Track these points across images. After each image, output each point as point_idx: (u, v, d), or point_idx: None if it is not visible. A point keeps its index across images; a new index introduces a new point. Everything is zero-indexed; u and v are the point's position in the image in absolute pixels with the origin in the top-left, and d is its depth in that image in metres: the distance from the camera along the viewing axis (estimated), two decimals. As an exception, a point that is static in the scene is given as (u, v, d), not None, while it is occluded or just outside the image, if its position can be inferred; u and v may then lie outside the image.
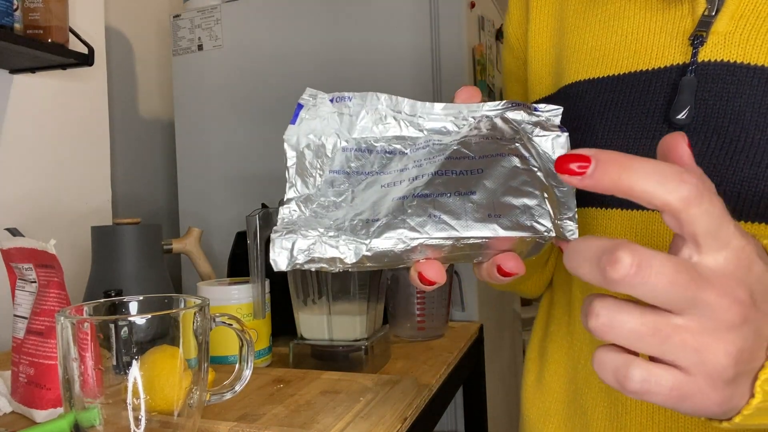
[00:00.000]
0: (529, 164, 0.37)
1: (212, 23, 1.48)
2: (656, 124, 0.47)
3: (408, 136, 0.41)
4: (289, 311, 0.85)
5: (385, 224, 0.35)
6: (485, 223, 0.35)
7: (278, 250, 0.36)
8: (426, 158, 0.39)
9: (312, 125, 0.41)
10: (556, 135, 0.40)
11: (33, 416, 0.63)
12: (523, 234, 0.35)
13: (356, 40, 1.32)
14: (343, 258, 0.36)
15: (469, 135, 0.39)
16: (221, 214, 1.49)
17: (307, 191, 0.39)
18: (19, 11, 0.98)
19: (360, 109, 0.41)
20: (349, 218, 0.37)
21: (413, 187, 0.37)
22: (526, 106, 0.40)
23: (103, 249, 0.91)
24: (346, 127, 0.41)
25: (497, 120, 0.40)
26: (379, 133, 0.41)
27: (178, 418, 0.50)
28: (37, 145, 1.21)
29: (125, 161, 1.58)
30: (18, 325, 0.66)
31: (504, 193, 0.36)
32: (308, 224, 0.37)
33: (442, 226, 0.35)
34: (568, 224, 0.37)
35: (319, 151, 0.40)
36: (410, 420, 0.65)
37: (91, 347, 0.47)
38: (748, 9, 0.45)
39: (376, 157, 0.40)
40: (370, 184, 0.39)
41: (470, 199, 0.35)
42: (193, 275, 1.42)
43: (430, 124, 0.41)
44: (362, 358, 0.81)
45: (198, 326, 0.51)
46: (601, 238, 0.27)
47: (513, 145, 0.38)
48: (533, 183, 0.36)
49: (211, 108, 1.50)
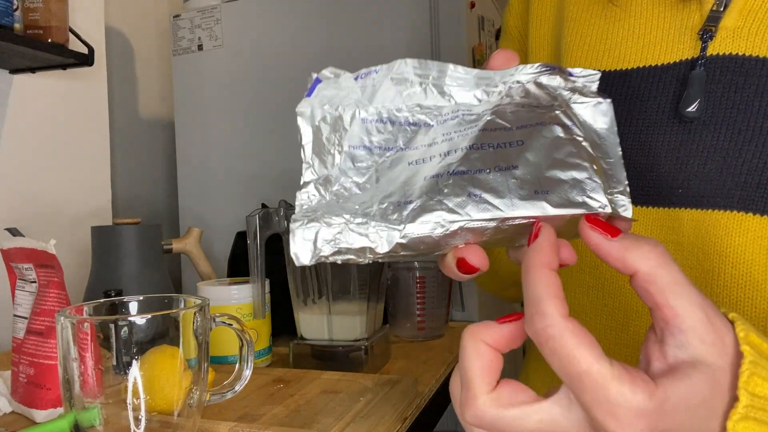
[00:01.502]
0: (572, 133, 0.34)
1: (212, 23, 1.48)
2: (666, 119, 0.47)
3: (433, 105, 0.36)
4: (289, 311, 0.85)
5: (420, 207, 0.32)
6: (533, 201, 0.31)
7: (300, 242, 0.32)
8: (456, 130, 0.35)
9: (328, 95, 0.36)
10: (597, 102, 0.35)
11: (33, 416, 0.63)
12: (575, 211, 0.31)
13: (356, 40, 1.32)
14: (375, 248, 0.32)
15: (502, 103, 0.35)
16: (221, 214, 1.49)
17: (326, 171, 0.35)
18: (19, 11, 0.98)
19: (384, 78, 0.36)
20: (377, 201, 0.33)
21: (447, 163, 0.33)
22: (561, 70, 0.36)
23: (103, 249, 0.91)
24: (368, 96, 0.36)
25: (530, 86, 0.36)
26: (402, 101, 0.36)
27: (178, 418, 0.50)
28: (37, 145, 1.21)
29: (125, 161, 1.58)
30: (18, 325, 0.66)
31: (550, 166, 0.32)
32: (331, 210, 0.33)
33: (484, 206, 0.31)
34: (620, 198, 0.33)
35: (337, 123, 0.36)
36: (410, 420, 0.65)
37: (91, 347, 0.47)
38: (756, 4, 0.45)
39: (399, 129, 0.36)
40: (396, 162, 0.35)
41: (513, 175, 0.32)
42: (193, 275, 1.42)
43: (457, 90, 0.36)
44: (362, 358, 0.81)
45: (198, 326, 0.51)
46: (548, 279, 0.28)
47: (553, 113, 0.34)
48: (580, 154, 0.33)
49: (211, 108, 1.50)
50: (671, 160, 0.47)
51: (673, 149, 0.47)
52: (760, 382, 0.27)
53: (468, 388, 0.30)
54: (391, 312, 1.04)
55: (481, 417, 0.30)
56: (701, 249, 0.46)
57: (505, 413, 0.29)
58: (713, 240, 0.45)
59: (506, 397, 0.30)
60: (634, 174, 0.48)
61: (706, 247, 0.45)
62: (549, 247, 0.30)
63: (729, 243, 0.44)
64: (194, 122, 1.53)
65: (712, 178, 0.45)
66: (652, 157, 0.48)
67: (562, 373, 0.28)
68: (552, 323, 0.27)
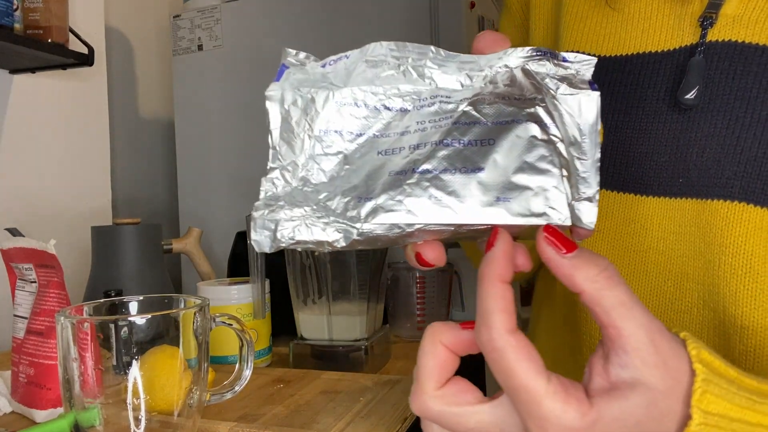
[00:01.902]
0: (549, 133, 0.33)
1: (212, 23, 1.48)
2: (665, 106, 0.47)
3: (412, 89, 0.35)
4: (289, 311, 0.85)
5: (380, 206, 0.32)
6: (493, 208, 0.31)
7: (260, 231, 0.33)
8: (431, 120, 0.34)
9: (301, 78, 0.36)
10: (585, 93, 0.33)
11: (33, 416, 0.63)
12: (535, 221, 0.31)
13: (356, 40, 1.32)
14: (332, 242, 0.32)
15: (483, 92, 0.34)
16: (221, 214, 1.49)
17: (293, 157, 0.34)
18: (19, 11, 0.98)
19: (358, 62, 0.35)
20: (339, 194, 0.33)
21: (413, 159, 0.32)
22: (554, 55, 0.35)
23: (103, 249, 0.91)
24: (341, 79, 0.35)
25: (518, 72, 0.34)
26: (380, 83, 0.35)
27: (178, 418, 0.50)
28: (37, 145, 1.21)
29: (125, 161, 1.58)
30: (18, 325, 0.66)
31: (517, 169, 0.32)
32: (294, 199, 0.33)
33: (443, 211, 0.31)
34: (585, 206, 0.32)
35: (309, 107, 0.35)
36: (410, 420, 0.65)
37: (91, 347, 0.47)
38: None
39: (374, 113, 0.35)
40: (366, 149, 0.34)
41: (477, 178, 0.31)
42: (193, 275, 1.42)
43: (439, 74, 0.35)
44: (362, 358, 0.81)
45: (198, 326, 0.51)
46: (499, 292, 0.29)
47: (533, 109, 0.33)
48: (552, 158, 0.32)
49: (211, 108, 1.50)
50: (671, 149, 0.46)
51: (673, 137, 0.46)
52: (713, 399, 0.28)
53: (418, 383, 0.32)
54: (391, 312, 1.04)
55: (425, 411, 0.31)
56: (702, 239, 0.45)
57: (447, 410, 0.31)
58: (713, 230, 0.45)
59: (450, 395, 0.31)
60: (633, 162, 0.48)
61: (707, 237, 0.45)
62: (503, 259, 0.30)
63: (729, 233, 0.44)
64: (194, 122, 1.53)
65: (710, 167, 0.45)
66: (652, 145, 0.47)
67: (503, 385, 0.29)
68: (496, 337, 0.28)
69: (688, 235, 0.46)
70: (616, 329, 0.28)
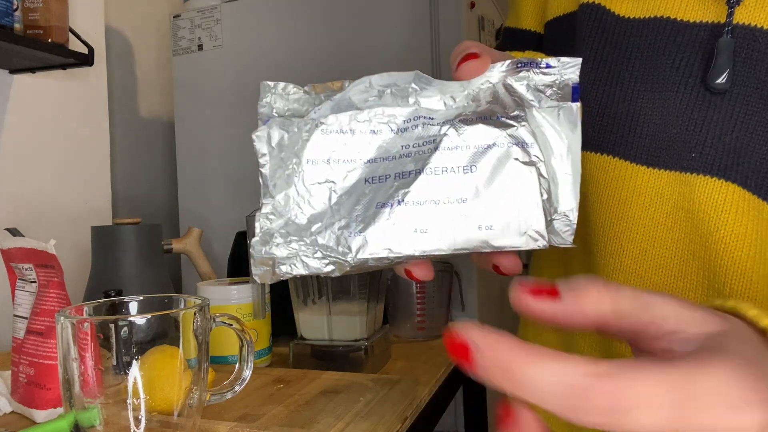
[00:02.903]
0: (530, 155, 0.33)
1: (212, 23, 1.48)
2: (682, 78, 0.45)
3: (396, 111, 0.35)
4: (289, 311, 0.85)
5: (368, 240, 0.33)
6: (475, 236, 0.33)
7: (259, 267, 0.35)
8: (415, 144, 0.35)
9: (285, 108, 0.37)
10: (565, 108, 0.34)
11: (33, 416, 0.63)
12: (514, 246, 0.33)
13: (356, 40, 1.32)
14: (327, 272, 0.34)
15: (465, 111, 0.35)
16: (221, 214, 1.49)
17: (284, 190, 0.35)
18: (19, 11, 0.98)
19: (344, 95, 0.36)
20: (330, 226, 0.34)
21: (399, 190, 0.33)
22: (535, 64, 0.35)
23: (103, 249, 0.91)
24: (327, 106, 0.36)
25: (499, 87, 0.35)
26: (365, 106, 0.36)
27: (178, 418, 0.50)
28: (37, 145, 1.21)
29: (125, 161, 1.58)
30: (18, 325, 0.66)
31: (498, 196, 0.33)
32: (288, 234, 0.35)
33: (428, 242, 0.33)
34: (562, 227, 0.33)
35: (295, 138, 0.36)
36: (410, 420, 0.65)
37: (91, 347, 0.47)
38: None
39: (360, 138, 0.35)
40: (353, 176, 0.35)
41: (461, 210, 0.33)
42: (193, 275, 1.42)
43: (423, 95, 0.36)
44: (362, 358, 0.81)
45: (198, 326, 0.51)
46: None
47: (515, 129, 0.33)
48: (532, 181, 0.33)
49: (211, 108, 1.50)
50: (685, 121, 0.45)
51: (688, 110, 0.45)
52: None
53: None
54: (391, 312, 1.04)
55: None
56: (714, 219, 0.44)
57: None
58: (725, 215, 0.43)
59: None
60: (646, 133, 0.46)
61: (718, 218, 0.44)
62: None
63: (740, 221, 0.43)
64: (194, 122, 1.53)
65: (726, 151, 0.43)
66: (666, 116, 0.46)
67: None
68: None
69: (697, 213, 0.45)
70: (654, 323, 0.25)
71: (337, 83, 0.37)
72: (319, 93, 0.37)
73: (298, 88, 0.38)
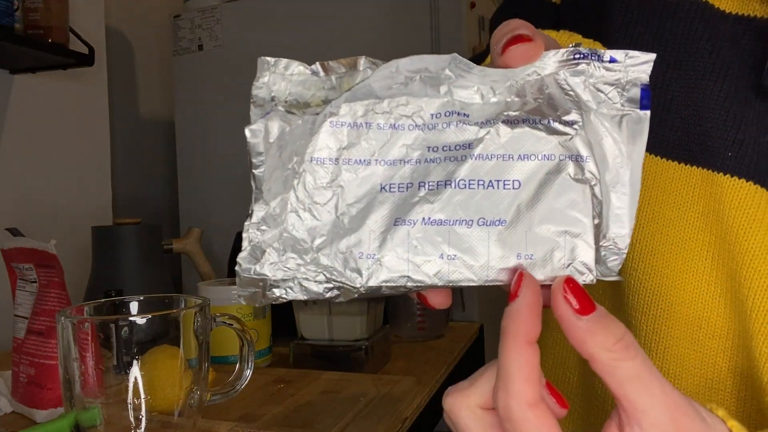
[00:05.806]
0: (584, 171, 0.27)
1: (212, 23, 1.48)
2: (718, 69, 0.41)
3: (424, 103, 0.29)
4: (290, 311, 0.85)
5: (384, 265, 0.27)
6: (512, 266, 0.27)
7: (246, 288, 0.28)
8: (445, 147, 0.28)
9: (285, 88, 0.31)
10: (631, 115, 0.28)
11: (33, 416, 0.63)
12: (555, 278, 0.27)
13: (356, 40, 1.32)
14: (329, 297, 0.28)
15: (509, 109, 0.28)
16: (221, 214, 1.49)
17: (281, 194, 0.28)
18: (19, 11, 0.98)
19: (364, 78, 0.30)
20: (335, 241, 0.28)
21: (423, 203, 0.27)
22: (597, 56, 0.28)
23: (104, 249, 0.91)
24: (338, 91, 0.30)
25: (549, 81, 0.29)
26: (385, 95, 0.29)
27: (179, 418, 0.50)
28: (38, 145, 1.21)
29: (125, 161, 1.58)
30: (18, 325, 0.66)
31: (543, 219, 0.27)
32: (284, 250, 0.28)
33: (456, 271, 0.27)
34: (611, 257, 0.28)
35: (297, 130, 0.29)
36: (410, 420, 0.65)
37: (91, 347, 0.47)
38: None
39: (377, 134, 0.29)
40: (365, 181, 0.28)
41: (498, 232, 0.27)
42: (193, 275, 1.42)
43: (457, 84, 0.29)
44: (362, 358, 0.81)
45: (198, 326, 0.51)
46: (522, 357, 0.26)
47: (568, 139, 0.27)
48: (585, 204, 0.27)
49: (212, 108, 1.50)
50: (723, 116, 0.41)
51: (726, 104, 0.41)
52: None
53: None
54: (391, 312, 1.04)
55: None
56: (743, 227, 0.40)
57: None
58: (756, 223, 0.40)
59: None
60: (678, 125, 0.43)
61: (748, 226, 0.40)
62: (529, 314, 0.26)
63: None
64: (194, 122, 1.53)
65: (764, 154, 0.40)
66: (701, 107, 0.42)
67: None
68: (514, 407, 0.26)
69: (727, 217, 0.41)
70: (631, 403, 0.26)
71: (350, 59, 0.31)
72: (329, 75, 0.31)
73: (304, 67, 0.31)
